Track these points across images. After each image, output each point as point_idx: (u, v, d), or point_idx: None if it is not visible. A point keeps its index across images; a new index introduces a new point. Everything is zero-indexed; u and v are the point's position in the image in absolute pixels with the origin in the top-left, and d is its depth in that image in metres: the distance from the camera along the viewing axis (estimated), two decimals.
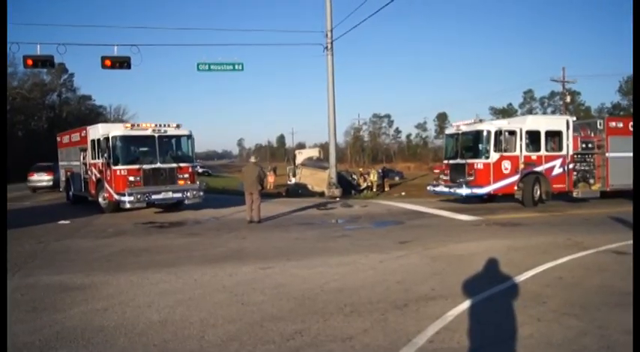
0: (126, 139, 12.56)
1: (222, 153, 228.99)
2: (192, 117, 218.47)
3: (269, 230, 10.24)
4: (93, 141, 13.62)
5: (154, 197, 12.21)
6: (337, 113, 22.23)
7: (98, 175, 13.27)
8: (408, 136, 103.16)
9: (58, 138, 17.51)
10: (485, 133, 13.36)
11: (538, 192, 13.61)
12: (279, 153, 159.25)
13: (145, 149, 12.70)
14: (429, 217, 12.26)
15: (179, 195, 12.67)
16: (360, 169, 34.00)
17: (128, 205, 12.00)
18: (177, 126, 13.30)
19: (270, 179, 18.17)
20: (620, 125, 14.42)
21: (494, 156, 13.22)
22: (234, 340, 4.17)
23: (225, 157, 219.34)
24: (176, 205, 13.86)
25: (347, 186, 25.12)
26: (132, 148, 12.70)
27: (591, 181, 14.30)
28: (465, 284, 5.66)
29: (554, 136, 13.88)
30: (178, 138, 13.41)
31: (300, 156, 27.70)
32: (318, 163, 25.36)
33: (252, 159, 12.65)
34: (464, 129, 14.17)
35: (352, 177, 29.86)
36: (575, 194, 14.00)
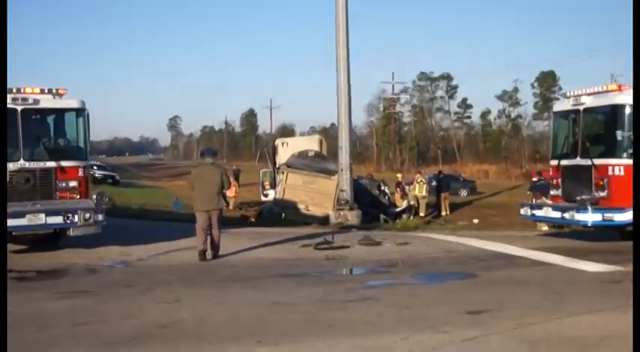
0: None
1: (140, 144, 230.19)
2: (92, 84, 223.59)
3: (226, 286, 10.20)
4: None
5: (10, 223, 12.17)
6: (355, 70, 22.40)
7: None
8: (485, 115, 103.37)
9: None
10: (627, 110, 13.42)
11: None
12: (244, 143, 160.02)
13: None
14: (524, 266, 12.19)
15: (58, 219, 12.66)
16: (398, 176, 33.97)
17: None
18: (58, 94, 13.37)
19: (229, 192, 18.31)
20: None
21: None
22: None
23: (147, 151, 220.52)
24: (53, 238, 13.89)
25: (371, 206, 25.12)
26: None
27: None
28: None
29: None
30: (60, 114, 13.47)
31: (285, 151, 27.72)
32: (318, 163, 25.40)
33: (209, 158, 13.13)
34: (589, 102, 14.27)
35: (381, 189, 29.90)
36: None
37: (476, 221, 25.14)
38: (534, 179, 24.12)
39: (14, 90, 12.91)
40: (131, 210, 25.65)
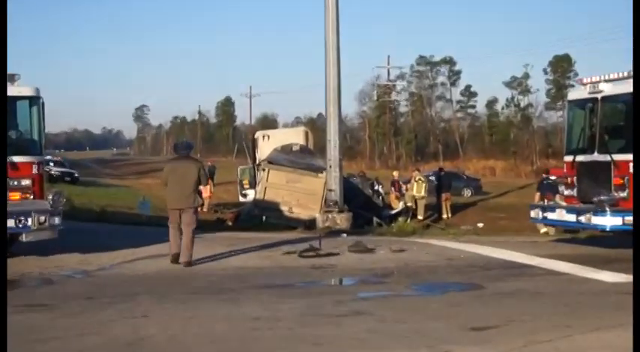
0: None
1: (102, 137, 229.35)
2: (47, 69, 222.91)
3: (200, 298, 10.21)
4: None
5: None
6: (345, 53, 22.42)
7: None
8: (491, 104, 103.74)
9: None
10: None
11: None
12: (220, 136, 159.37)
13: None
14: (534, 275, 12.28)
15: (9, 222, 12.58)
16: (394, 173, 34.06)
17: None
18: (9, 80, 13.28)
19: (204, 191, 18.36)
20: None
21: None
22: None
23: (110, 144, 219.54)
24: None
25: (363, 208, 25.16)
26: None
27: None
28: None
29: None
30: (11, 102, 13.34)
31: (266, 145, 27.74)
32: (303, 159, 25.45)
33: (183, 151, 13.40)
34: (608, 90, 14.33)
35: (375, 188, 30.00)
36: None
37: (481, 225, 25.26)
38: (546, 176, 24.26)
39: None
40: (92, 212, 25.56)
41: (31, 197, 13.22)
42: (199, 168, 13.10)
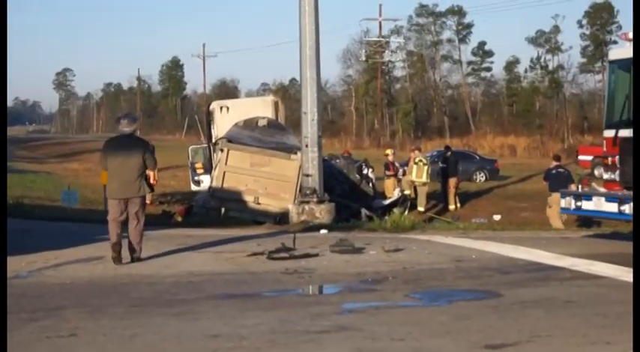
0: None
1: (15, 110, 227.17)
2: None
3: (143, 312, 10.24)
4: None
5: None
6: (326, 3, 22.34)
7: None
8: (511, 66, 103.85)
9: None
10: None
11: None
12: (165, 108, 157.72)
13: None
14: (564, 279, 12.37)
15: None
16: (388, 152, 34.02)
17: None
18: None
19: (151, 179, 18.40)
20: None
21: None
22: None
23: (25, 119, 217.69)
24: None
25: (349, 197, 25.21)
26: None
27: None
28: None
29: None
30: None
31: (225, 119, 27.72)
32: (272, 136, 25.48)
33: (126, 127, 13.65)
34: None
35: (363, 172, 30.05)
36: None
37: (497, 217, 25.50)
38: (556, 164, 24.49)
39: None
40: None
41: None
42: (145, 149, 13.39)
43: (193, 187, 32.61)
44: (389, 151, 34.24)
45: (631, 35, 15.14)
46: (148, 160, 13.39)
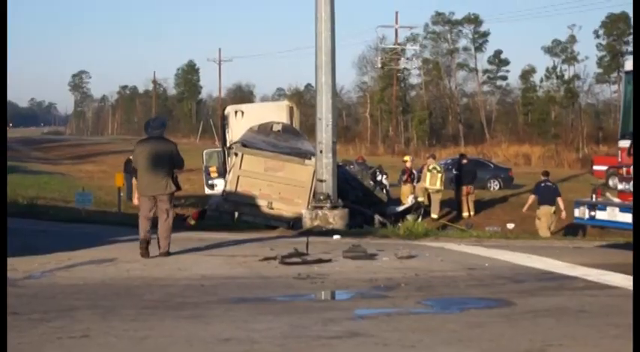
0: None
1: (30, 111, 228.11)
2: None
3: (155, 314, 10.25)
4: None
5: None
6: (342, 9, 22.36)
7: None
8: (527, 75, 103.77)
9: None
10: None
11: None
12: (180, 112, 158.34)
13: None
14: (577, 289, 12.36)
15: None
16: (406, 159, 34.00)
17: None
18: None
19: None
20: None
21: None
22: None
23: (40, 121, 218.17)
24: None
25: (362, 203, 25.19)
26: None
27: None
28: None
29: None
30: None
31: (240, 123, 27.77)
32: (287, 142, 25.49)
33: (156, 132, 14.67)
34: None
35: (377, 178, 30.05)
36: None
37: (511, 226, 25.42)
38: (545, 178, 24.62)
39: None
40: (18, 205, 25.53)
41: None
42: (173, 150, 14.29)
43: (207, 191, 32.67)
44: (407, 158, 34.36)
45: None
46: (176, 160, 14.32)
